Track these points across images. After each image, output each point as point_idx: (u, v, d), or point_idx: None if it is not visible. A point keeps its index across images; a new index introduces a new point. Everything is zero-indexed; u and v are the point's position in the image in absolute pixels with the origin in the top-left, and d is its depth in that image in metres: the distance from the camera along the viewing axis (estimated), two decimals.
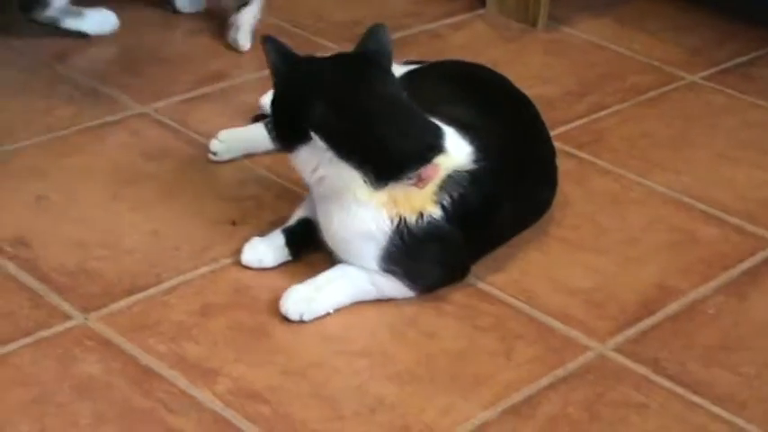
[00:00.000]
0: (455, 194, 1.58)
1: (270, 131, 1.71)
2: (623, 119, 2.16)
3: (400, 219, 1.57)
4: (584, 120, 2.14)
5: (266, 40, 1.63)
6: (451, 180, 1.58)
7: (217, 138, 1.91)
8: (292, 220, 1.70)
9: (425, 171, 1.57)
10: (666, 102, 2.23)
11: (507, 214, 1.71)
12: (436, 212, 1.58)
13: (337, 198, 1.58)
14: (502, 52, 2.37)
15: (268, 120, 1.76)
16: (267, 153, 1.92)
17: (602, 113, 2.17)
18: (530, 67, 2.32)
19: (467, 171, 1.60)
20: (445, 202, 1.58)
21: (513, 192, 1.70)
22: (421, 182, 1.57)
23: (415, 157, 1.57)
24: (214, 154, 1.91)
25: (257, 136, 1.90)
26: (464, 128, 1.64)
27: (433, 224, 1.57)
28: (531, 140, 1.81)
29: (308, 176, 1.60)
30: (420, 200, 1.57)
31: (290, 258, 1.68)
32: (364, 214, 1.57)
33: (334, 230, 1.60)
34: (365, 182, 1.56)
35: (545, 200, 1.82)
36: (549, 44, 2.42)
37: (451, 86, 1.80)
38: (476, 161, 1.61)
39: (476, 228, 1.63)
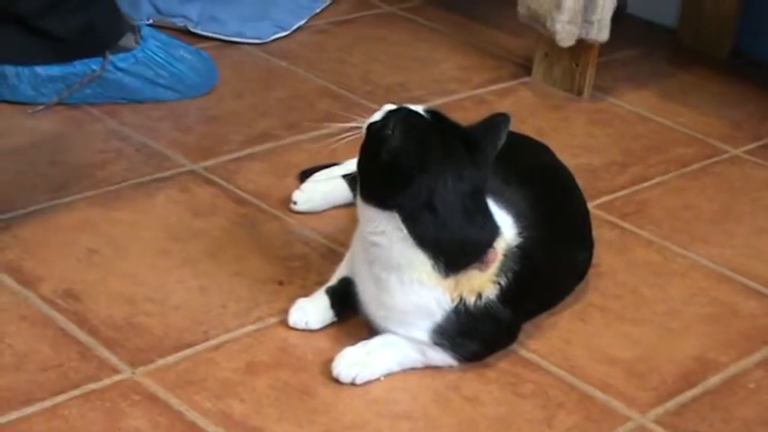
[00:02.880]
0: (510, 274, 1.60)
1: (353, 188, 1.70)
2: (666, 190, 2.17)
3: (461, 299, 1.59)
4: (628, 190, 2.16)
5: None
6: (507, 259, 1.60)
7: (299, 188, 1.96)
8: (334, 280, 1.72)
9: (488, 257, 1.58)
10: (709, 175, 2.25)
11: (549, 282, 1.73)
12: (493, 293, 1.60)
13: (397, 272, 1.58)
14: (546, 120, 2.39)
15: (354, 176, 1.77)
16: (318, 215, 1.96)
17: (646, 185, 2.18)
18: (574, 137, 2.34)
19: (516, 247, 1.62)
20: (502, 282, 1.60)
21: (553, 261, 1.72)
22: (485, 266, 1.58)
23: (484, 248, 1.58)
24: (295, 203, 1.95)
25: (338, 189, 1.95)
26: (496, 196, 1.65)
27: (489, 304, 1.59)
28: (565, 203, 1.83)
29: (369, 235, 1.59)
30: (480, 282, 1.59)
31: (335, 319, 1.70)
32: (427, 294, 1.58)
33: (390, 303, 1.60)
34: (434, 269, 1.57)
35: (583, 262, 1.83)
36: (594, 114, 2.45)
37: None
38: (519, 234, 1.63)
39: (525, 299, 1.66)
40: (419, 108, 1.61)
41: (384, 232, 1.57)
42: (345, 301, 1.69)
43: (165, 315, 1.70)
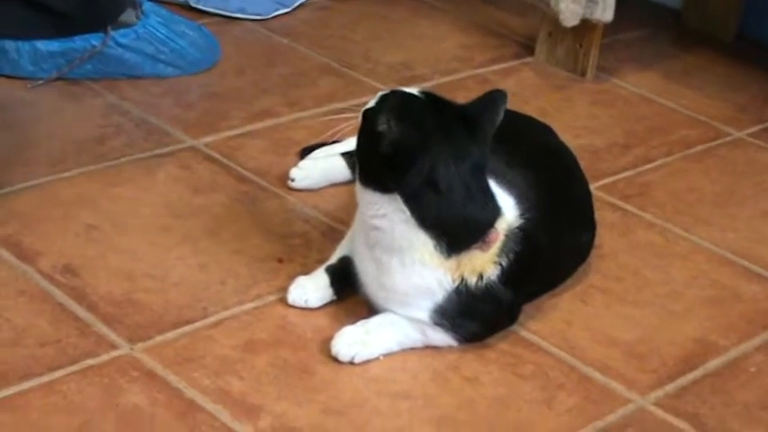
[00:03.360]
0: (512, 254, 1.59)
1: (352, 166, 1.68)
2: (669, 172, 2.16)
3: (462, 279, 1.58)
4: (630, 172, 2.15)
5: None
6: (508, 240, 1.60)
7: (297, 165, 1.95)
8: (334, 259, 1.71)
9: (490, 236, 1.58)
10: (712, 157, 2.24)
11: (550, 263, 1.72)
12: (494, 273, 1.59)
13: (398, 254, 1.57)
14: (549, 101, 2.38)
15: (353, 153, 1.75)
16: (318, 191, 1.95)
17: (648, 166, 2.17)
18: (577, 118, 2.33)
19: (518, 228, 1.61)
20: (503, 262, 1.59)
21: (554, 242, 1.71)
22: (486, 245, 1.58)
23: (486, 228, 1.57)
24: (292, 180, 1.94)
25: (336, 167, 1.94)
26: (498, 178, 1.64)
27: (490, 285, 1.59)
28: (567, 184, 1.82)
29: (370, 219, 1.59)
30: (482, 262, 1.58)
31: (334, 298, 1.69)
32: (428, 274, 1.58)
33: (391, 284, 1.60)
34: (436, 249, 1.56)
35: (585, 243, 1.83)
36: (597, 95, 2.43)
37: None
38: (521, 215, 1.62)
39: (527, 280, 1.65)
40: (414, 90, 1.60)
41: (385, 215, 1.56)
42: (345, 279, 1.68)
43: (165, 292, 1.69)
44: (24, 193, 1.89)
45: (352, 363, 1.58)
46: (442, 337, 1.62)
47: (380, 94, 1.60)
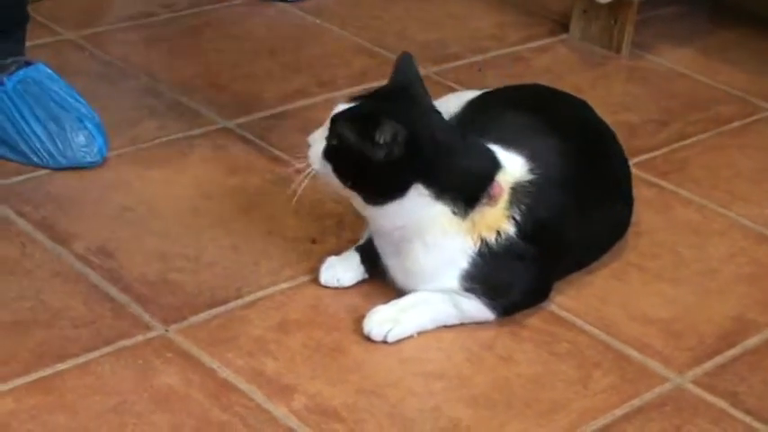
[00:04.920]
0: (523, 206, 1.60)
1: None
2: (706, 149, 2.14)
3: (481, 239, 1.58)
4: (667, 149, 2.13)
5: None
6: (516, 193, 1.60)
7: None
8: (364, 238, 1.71)
9: (493, 189, 1.58)
10: (750, 133, 2.21)
11: (581, 232, 1.71)
12: (511, 229, 1.59)
13: (420, 236, 1.58)
14: (584, 78, 2.36)
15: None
16: None
17: (685, 143, 2.15)
18: (612, 94, 2.31)
19: (527, 182, 1.61)
20: (516, 216, 1.59)
21: (584, 209, 1.69)
22: (492, 200, 1.58)
23: (486, 178, 1.59)
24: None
25: None
26: (511, 144, 1.65)
27: (510, 241, 1.59)
28: (602, 158, 1.80)
29: (391, 229, 1.60)
30: (494, 218, 1.59)
31: (365, 276, 1.68)
32: (450, 243, 1.58)
33: (417, 266, 1.60)
34: (454, 213, 1.57)
35: (620, 220, 1.81)
36: (633, 71, 2.41)
37: (511, 108, 1.80)
38: (532, 171, 1.62)
39: (549, 240, 1.64)
40: (344, 105, 1.60)
41: (406, 212, 1.57)
42: (376, 258, 1.68)
43: (198, 273, 1.69)
44: (58, 176, 1.89)
45: (385, 342, 1.57)
46: (475, 306, 1.61)
47: (322, 130, 1.59)
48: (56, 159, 1.90)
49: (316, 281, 1.68)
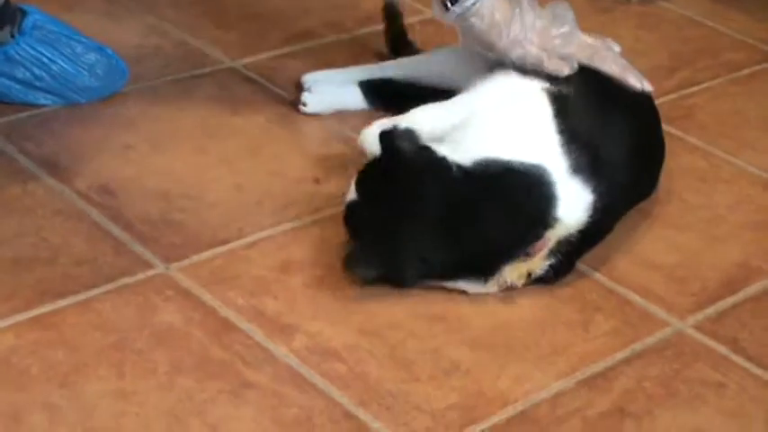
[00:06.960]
0: (563, 251, 1.56)
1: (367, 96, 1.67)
2: (714, 96, 2.12)
3: (507, 285, 1.57)
4: (675, 95, 2.11)
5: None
6: (561, 243, 1.56)
7: (309, 90, 1.93)
8: None
9: (533, 248, 1.54)
10: (759, 80, 2.19)
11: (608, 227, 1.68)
12: (542, 270, 1.57)
13: None
14: (593, 24, 2.33)
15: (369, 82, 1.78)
16: (357, 112, 1.93)
17: (693, 89, 2.14)
18: (622, 40, 2.25)
19: (579, 231, 1.57)
20: (553, 262, 1.56)
21: (618, 208, 1.68)
22: (529, 257, 1.55)
23: (521, 244, 1.54)
24: (304, 105, 1.92)
25: (351, 95, 1.93)
26: (596, 164, 1.59)
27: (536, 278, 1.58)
28: (645, 142, 1.76)
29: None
30: (527, 267, 1.56)
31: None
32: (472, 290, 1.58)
33: None
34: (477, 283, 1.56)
35: (640, 200, 1.78)
36: (643, 17, 2.39)
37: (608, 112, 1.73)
38: (591, 216, 1.57)
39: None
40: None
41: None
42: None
43: (201, 212, 1.69)
44: (61, 113, 1.88)
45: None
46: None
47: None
48: (95, 92, 1.92)
49: (319, 221, 1.68)
